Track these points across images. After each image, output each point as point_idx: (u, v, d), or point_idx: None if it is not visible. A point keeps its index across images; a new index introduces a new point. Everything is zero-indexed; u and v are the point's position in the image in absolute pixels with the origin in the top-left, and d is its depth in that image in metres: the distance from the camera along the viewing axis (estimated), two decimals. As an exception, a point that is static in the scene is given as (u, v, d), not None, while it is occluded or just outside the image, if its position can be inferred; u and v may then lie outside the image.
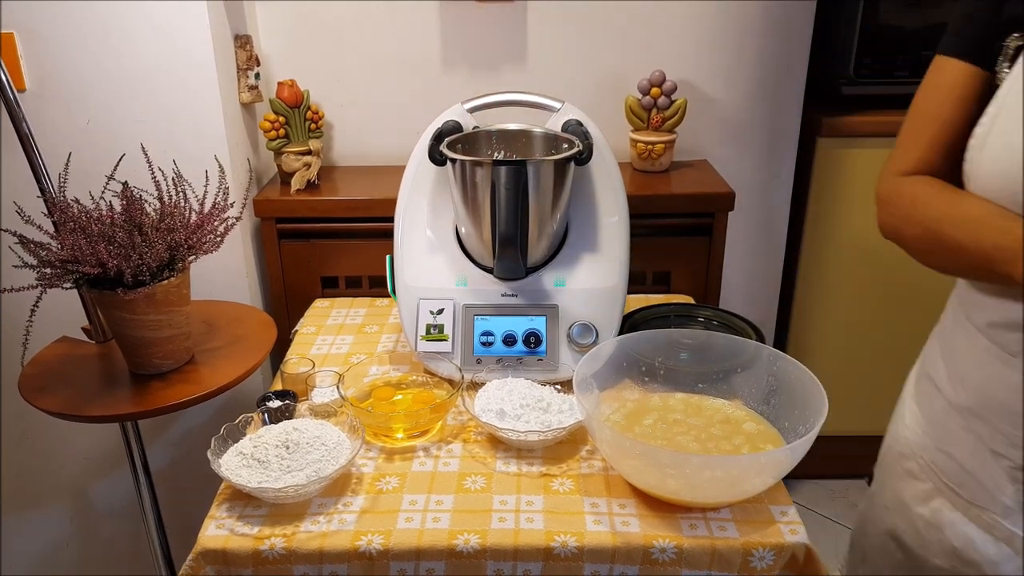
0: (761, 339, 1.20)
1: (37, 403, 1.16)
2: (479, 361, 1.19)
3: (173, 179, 1.19)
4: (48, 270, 1.10)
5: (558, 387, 1.15)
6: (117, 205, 1.15)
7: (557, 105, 1.26)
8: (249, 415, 1.07)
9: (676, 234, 1.60)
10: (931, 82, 0.90)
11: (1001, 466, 0.84)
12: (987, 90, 0.85)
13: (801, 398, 1.00)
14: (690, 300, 1.53)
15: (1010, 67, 0.82)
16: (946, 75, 0.89)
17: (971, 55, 0.87)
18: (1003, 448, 0.84)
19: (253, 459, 0.98)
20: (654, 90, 1.62)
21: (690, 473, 0.93)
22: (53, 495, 1.74)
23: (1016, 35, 0.82)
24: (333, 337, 1.39)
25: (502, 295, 1.21)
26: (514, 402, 1.09)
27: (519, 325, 1.19)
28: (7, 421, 1.65)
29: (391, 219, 1.26)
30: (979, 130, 0.82)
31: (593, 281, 1.22)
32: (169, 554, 1.46)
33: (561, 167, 1.16)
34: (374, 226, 1.55)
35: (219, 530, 0.93)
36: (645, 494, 0.97)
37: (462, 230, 1.23)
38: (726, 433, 1.03)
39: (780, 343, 1.97)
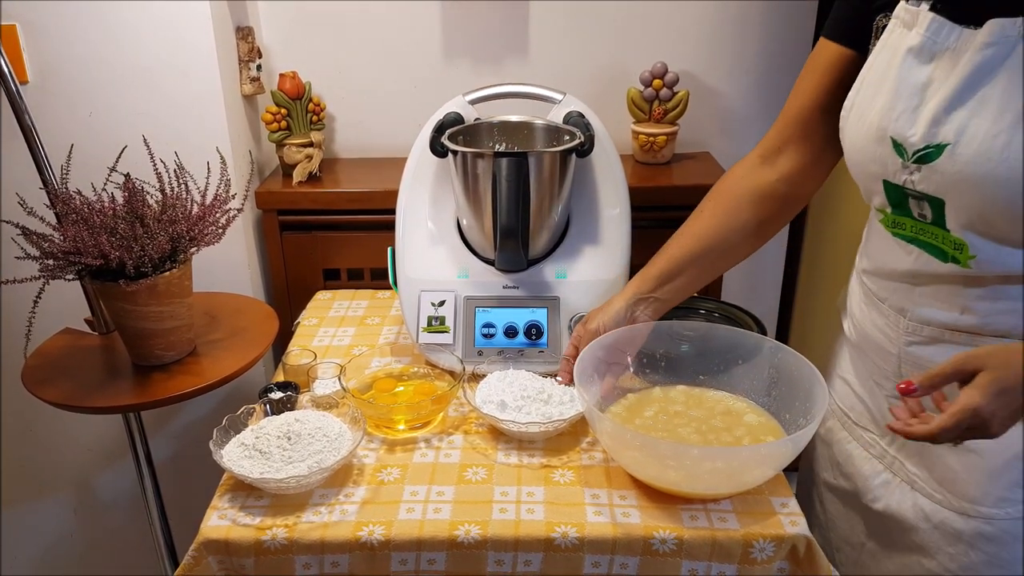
0: (763, 331, 1.20)
1: (40, 394, 1.17)
2: (480, 353, 1.19)
3: (175, 171, 1.19)
4: (51, 261, 1.10)
5: (559, 379, 1.15)
6: (119, 197, 1.16)
7: (558, 97, 1.26)
8: (251, 406, 1.07)
9: (678, 226, 1.58)
10: (809, 62, 0.97)
11: (882, 393, 0.97)
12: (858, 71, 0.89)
13: (802, 390, 1.00)
14: (692, 292, 1.53)
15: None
16: (820, 55, 0.96)
17: (844, 37, 0.92)
18: (880, 379, 0.96)
19: (255, 450, 0.98)
20: (656, 82, 1.61)
21: (690, 464, 0.93)
22: (56, 486, 1.75)
23: (883, 15, 0.86)
24: (335, 329, 1.39)
25: (503, 287, 1.22)
26: (515, 394, 1.09)
27: (520, 317, 1.20)
28: (10, 412, 1.65)
29: (393, 211, 1.26)
30: (846, 103, 0.89)
31: (595, 273, 1.22)
32: (172, 544, 1.47)
33: (562, 159, 1.16)
34: (376, 218, 1.54)
35: (221, 521, 0.94)
36: (646, 485, 0.97)
37: (463, 222, 1.23)
38: (727, 425, 1.03)
39: (782, 335, 1.97)
